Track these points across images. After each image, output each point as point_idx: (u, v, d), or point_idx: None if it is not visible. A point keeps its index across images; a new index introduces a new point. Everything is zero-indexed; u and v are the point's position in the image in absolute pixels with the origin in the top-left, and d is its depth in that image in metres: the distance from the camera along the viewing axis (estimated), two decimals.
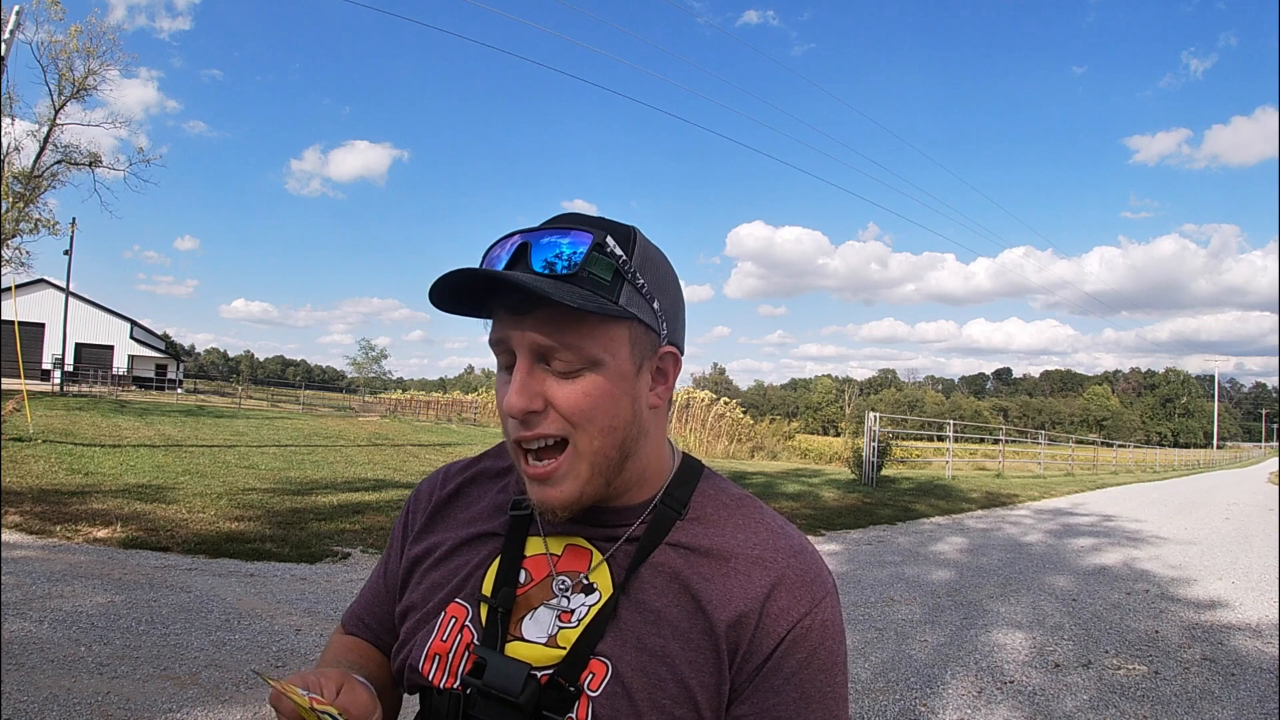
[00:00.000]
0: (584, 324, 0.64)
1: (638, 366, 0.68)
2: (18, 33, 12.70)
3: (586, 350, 0.64)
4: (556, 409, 0.65)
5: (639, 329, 0.67)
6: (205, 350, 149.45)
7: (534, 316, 0.63)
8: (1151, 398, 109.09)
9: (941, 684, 3.61)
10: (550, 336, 0.63)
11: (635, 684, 0.66)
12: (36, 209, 20.51)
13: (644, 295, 0.67)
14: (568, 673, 0.66)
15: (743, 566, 0.70)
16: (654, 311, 0.68)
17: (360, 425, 23.62)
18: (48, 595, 4.06)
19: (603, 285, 0.64)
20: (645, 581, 0.70)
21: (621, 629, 0.68)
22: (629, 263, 0.66)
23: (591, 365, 0.65)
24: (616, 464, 0.69)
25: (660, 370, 0.71)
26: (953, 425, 18.75)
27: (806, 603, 0.69)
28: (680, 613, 0.68)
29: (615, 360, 0.66)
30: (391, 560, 0.86)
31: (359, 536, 6.27)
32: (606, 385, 0.66)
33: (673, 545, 0.71)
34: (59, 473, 8.23)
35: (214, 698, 2.96)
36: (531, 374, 0.65)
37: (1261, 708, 3.47)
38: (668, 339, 0.71)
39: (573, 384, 0.65)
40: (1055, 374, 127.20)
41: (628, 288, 0.65)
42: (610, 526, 0.73)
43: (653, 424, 0.72)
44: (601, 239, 0.64)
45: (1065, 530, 9.27)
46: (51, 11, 20.00)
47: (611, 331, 0.65)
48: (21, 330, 14.95)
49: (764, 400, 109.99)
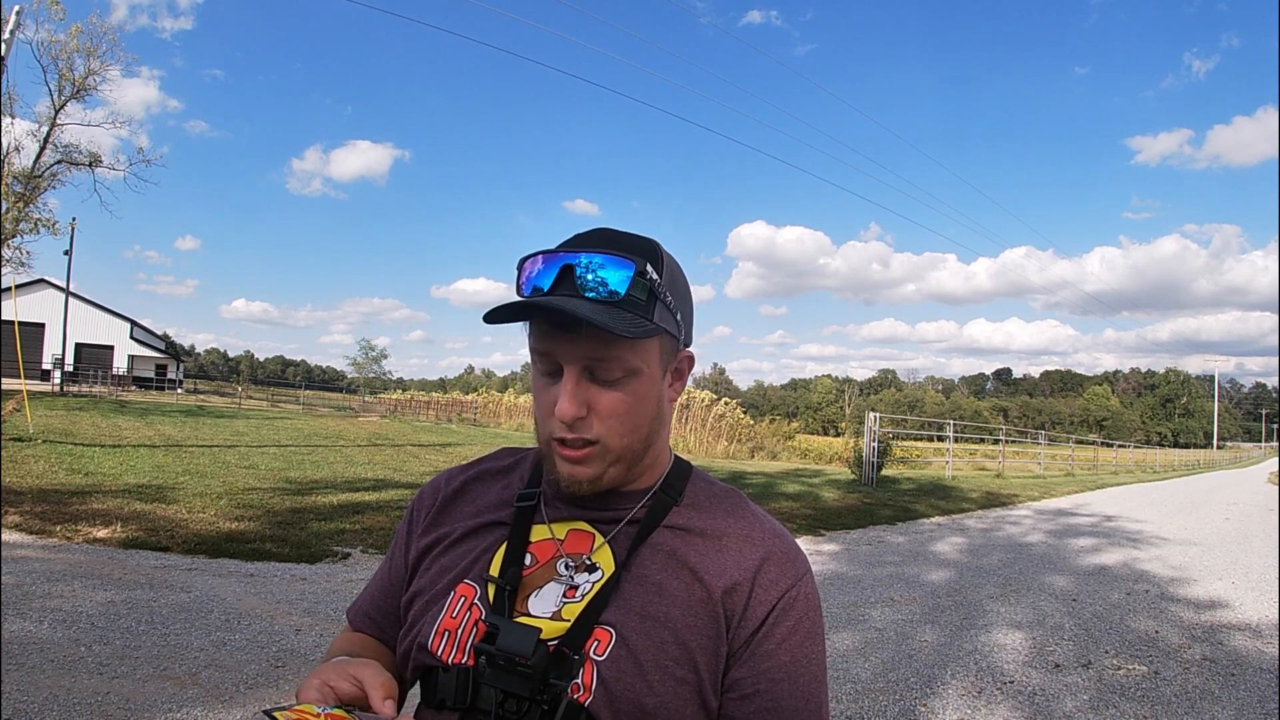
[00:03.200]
0: (626, 341, 0.72)
1: (664, 371, 0.78)
2: (18, 33, 12.71)
3: (629, 362, 0.73)
4: (598, 414, 0.74)
5: (666, 339, 0.77)
6: (205, 350, 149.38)
7: (585, 335, 0.71)
8: (1151, 398, 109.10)
9: (941, 684, 3.62)
10: (598, 352, 0.72)
11: (640, 647, 0.71)
12: (36, 209, 20.45)
13: (670, 310, 0.76)
14: (573, 642, 0.71)
15: (734, 544, 0.77)
16: (676, 323, 0.77)
17: (360, 425, 23.63)
18: (48, 595, 4.06)
19: (640, 305, 0.72)
20: (646, 558, 0.76)
21: (625, 599, 0.74)
22: (661, 285, 0.74)
23: (632, 374, 0.74)
24: (640, 454, 0.78)
25: (677, 370, 0.81)
26: (953, 425, 18.74)
27: (792, 576, 0.76)
28: (679, 584, 0.74)
29: (650, 368, 0.75)
30: (397, 555, 0.89)
31: (359, 536, 6.27)
32: (641, 390, 0.75)
33: (669, 527, 0.79)
34: (59, 473, 8.23)
35: (214, 698, 2.96)
36: (579, 385, 0.73)
37: (1261, 708, 3.47)
38: (685, 343, 0.81)
39: (614, 392, 0.74)
40: (1055, 374, 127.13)
41: (659, 305, 0.74)
42: (613, 510, 0.80)
43: (669, 413, 0.83)
44: (643, 267, 0.72)
45: (1065, 530, 9.27)
46: (52, 11, 20.02)
47: (647, 345, 0.75)
48: (21, 330, 14.96)
49: (764, 400, 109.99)
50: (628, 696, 0.69)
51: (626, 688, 0.69)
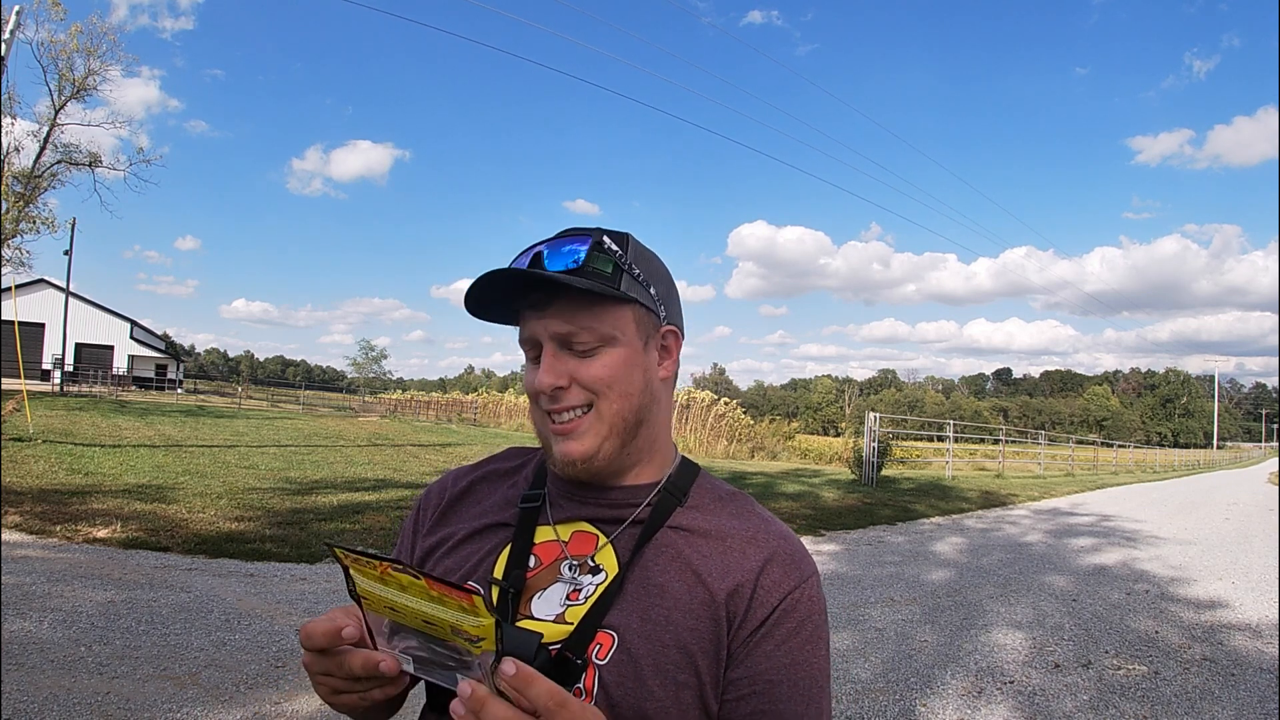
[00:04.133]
0: (595, 308, 0.74)
1: (644, 342, 0.79)
2: (18, 33, 12.71)
3: (600, 329, 0.74)
4: (580, 383, 0.75)
5: (641, 311, 0.78)
6: (205, 350, 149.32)
7: (554, 308, 0.74)
8: (1151, 398, 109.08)
9: (941, 684, 3.62)
10: (569, 322, 0.74)
11: (641, 651, 0.71)
12: (36, 209, 20.49)
13: (641, 283, 0.77)
14: (575, 646, 0.71)
15: (738, 545, 0.77)
16: (651, 296, 0.78)
17: (360, 425, 23.62)
18: (48, 595, 4.06)
19: (605, 276, 0.74)
20: (649, 560, 0.76)
21: (627, 602, 0.73)
22: (625, 257, 0.76)
23: (606, 342, 0.75)
24: (633, 426, 0.78)
25: (664, 347, 0.82)
26: (953, 425, 18.74)
27: (796, 577, 0.76)
28: (682, 586, 0.74)
29: (626, 337, 0.76)
30: (403, 555, 0.89)
31: (359, 536, 6.27)
32: (621, 358, 0.76)
33: (673, 528, 0.78)
34: (59, 473, 8.23)
35: (214, 698, 2.96)
36: (556, 357, 0.75)
37: (1261, 708, 3.47)
38: (667, 320, 0.81)
39: (592, 360, 0.75)
40: (1055, 374, 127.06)
41: (626, 277, 0.76)
42: (617, 508, 0.80)
43: (663, 394, 0.82)
44: (599, 238, 0.76)
45: (1065, 530, 9.27)
46: (52, 12, 20.02)
47: (618, 313, 0.76)
48: (21, 330, 14.96)
49: (764, 400, 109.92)
50: (629, 701, 0.69)
51: (627, 692, 0.69)
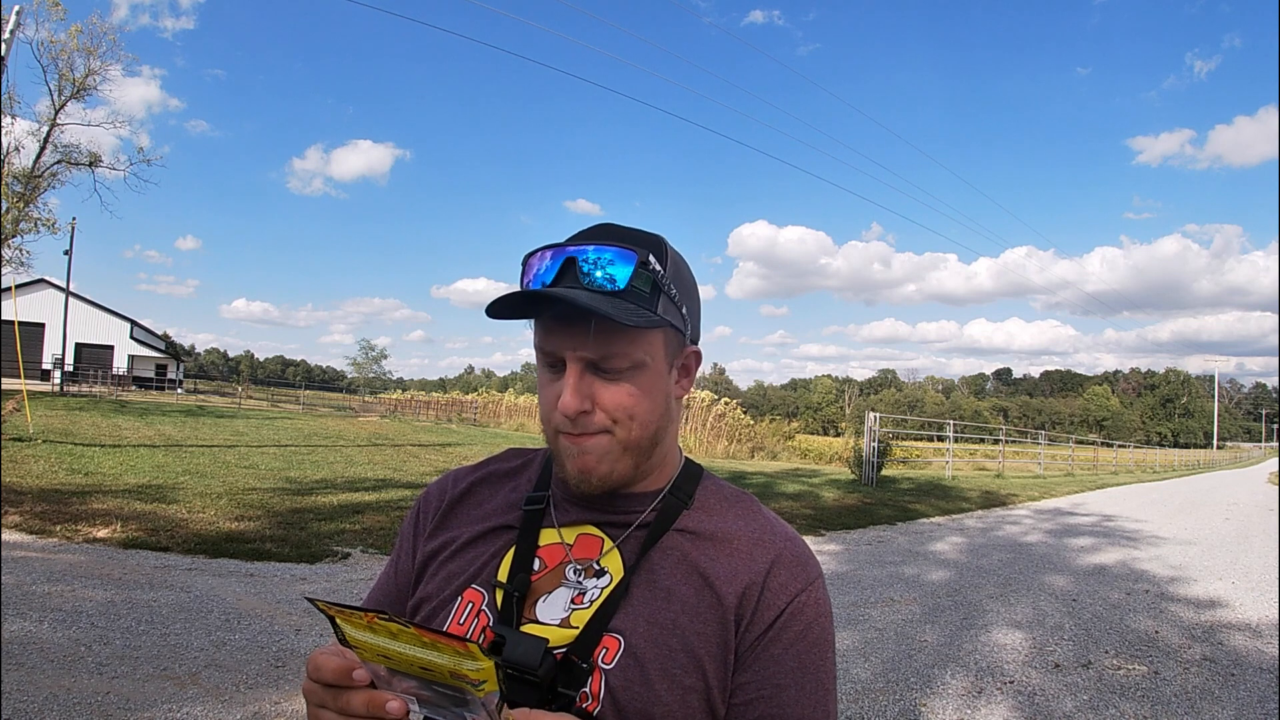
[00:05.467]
0: (629, 332, 0.71)
1: (670, 365, 0.76)
2: (18, 32, 12.70)
3: (633, 355, 0.72)
4: (603, 408, 0.72)
5: (671, 333, 0.75)
6: (205, 350, 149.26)
7: (587, 328, 0.70)
8: (1152, 398, 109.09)
9: (941, 684, 3.62)
10: (602, 346, 0.71)
11: (647, 655, 0.70)
12: (36, 209, 20.49)
13: (675, 303, 0.74)
14: (581, 650, 0.70)
15: (744, 547, 0.76)
16: (682, 317, 0.76)
17: (360, 425, 23.61)
18: (48, 595, 4.06)
19: (643, 297, 0.71)
20: (655, 563, 0.75)
21: (633, 606, 0.72)
22: (665, 276, 0.73)
23: (635, 368, 0.72)
24: (649, 449, 0.76)
25: (684, 367, 0.79)
26: (953, 425, 18.75)
27: (802, 580, 0.75)
28: (689, 589, 0.73)
29: (654, 362, 0.74)
30: (403, 559, 0.87)
31: (359, 537, 6.27)
32: (646, 384, 0.74)
33: (680, 531, 0.77)
34: (59, 473, 8.23)
35: (214, 698, 2.96)
36: (582, 378, 0.72)
37: (1261, 708, 3.47)
38: (691, 339, 0.79)
39: (618, 386, 0.72)
40: (1055, 374, 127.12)
41: (663, 298, 0.73)
42: (623, 513, 0.78)
43: (677, 410, 0.81)
44: (645, 258, 0.71)
45: (1065, 530, 9.27)
46: (52, 11, 20.02)
47: (650, 337, 0.73)
48: (21, 330, 14.96)
49: (764, 400, 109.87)
50: (635, 706, 0.68)
51: (634, 697, 0.68)
